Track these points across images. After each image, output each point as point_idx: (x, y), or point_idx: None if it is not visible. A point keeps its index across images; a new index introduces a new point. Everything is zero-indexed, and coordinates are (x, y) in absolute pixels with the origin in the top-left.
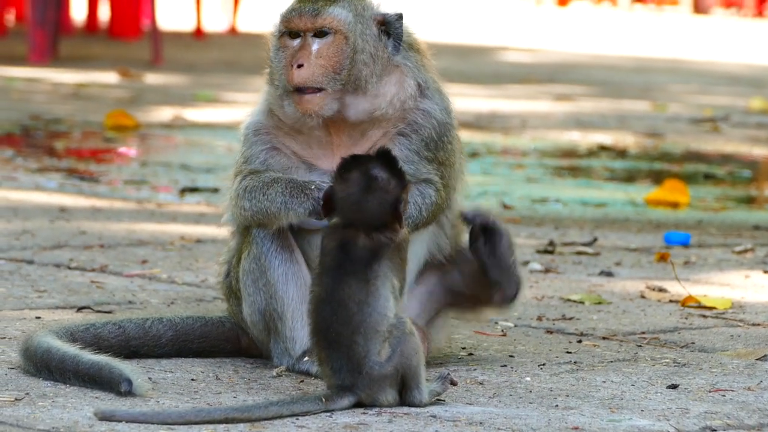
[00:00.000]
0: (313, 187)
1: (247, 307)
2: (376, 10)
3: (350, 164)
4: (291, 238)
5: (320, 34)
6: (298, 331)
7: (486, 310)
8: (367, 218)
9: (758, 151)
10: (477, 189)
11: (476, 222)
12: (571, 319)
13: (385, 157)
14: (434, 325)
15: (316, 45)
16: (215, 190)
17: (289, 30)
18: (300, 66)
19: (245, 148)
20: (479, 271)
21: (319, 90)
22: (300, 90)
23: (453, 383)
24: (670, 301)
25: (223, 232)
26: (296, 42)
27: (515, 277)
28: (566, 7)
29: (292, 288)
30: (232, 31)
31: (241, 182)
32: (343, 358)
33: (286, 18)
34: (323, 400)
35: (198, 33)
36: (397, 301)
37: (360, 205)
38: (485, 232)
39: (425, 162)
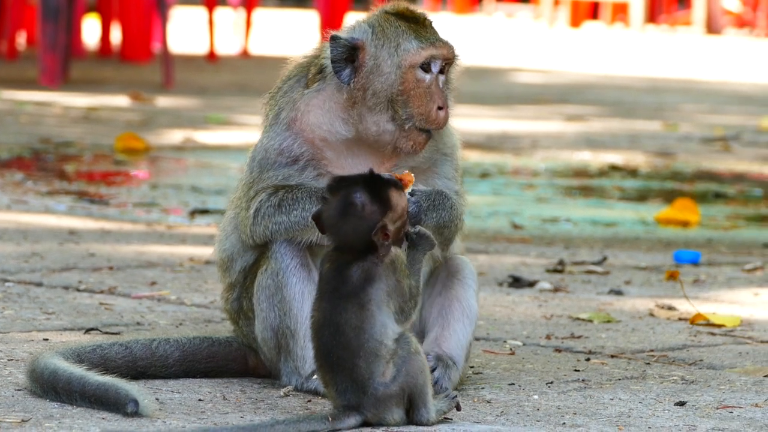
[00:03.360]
0: None
1: (259, 324)
2: None
3: (336, 186)
4: (309, 257)
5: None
6: (309, 350)
7: None
8: (344, 242)
9: None
10: (487, 209)
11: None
12: (579, 337)
13: (371, 181)
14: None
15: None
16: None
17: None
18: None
19: None
20: None
21: None
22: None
23: (457, 408)
24: (679, 319)
25: None
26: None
27: None
28: (579, 28)
29: (308, 307)
30: (244, 54)
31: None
32: (347, 381)
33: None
34: (330, 419)
35: (211, 56)
36: (402, 324)
37: (337, 229)
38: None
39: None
